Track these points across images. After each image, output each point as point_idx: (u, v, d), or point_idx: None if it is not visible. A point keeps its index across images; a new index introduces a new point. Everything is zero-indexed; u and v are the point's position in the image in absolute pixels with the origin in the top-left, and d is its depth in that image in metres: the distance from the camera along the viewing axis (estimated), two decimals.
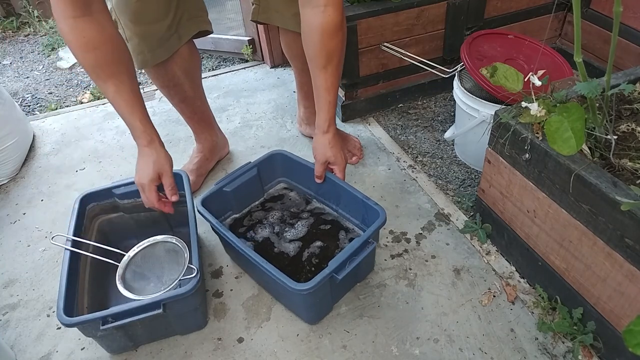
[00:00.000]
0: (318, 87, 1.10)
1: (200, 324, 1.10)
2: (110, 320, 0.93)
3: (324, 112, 1.12)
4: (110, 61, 0.97)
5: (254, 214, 1.30)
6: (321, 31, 1.02)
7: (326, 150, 1.14)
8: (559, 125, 0.82)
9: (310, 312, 1.08)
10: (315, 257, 1.16)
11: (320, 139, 1.14)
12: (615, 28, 0.77)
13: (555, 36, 1.86)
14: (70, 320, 0.91)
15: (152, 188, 1.07)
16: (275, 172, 1.33)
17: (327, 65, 1.06)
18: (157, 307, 0.94)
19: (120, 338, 1.02)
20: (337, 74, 1.09)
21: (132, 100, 1.02)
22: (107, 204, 1.21)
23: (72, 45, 0.94)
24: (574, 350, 1.00)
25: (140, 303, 0.94)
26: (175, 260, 1.10)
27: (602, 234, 0.87)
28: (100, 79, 0.98)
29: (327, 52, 1.04)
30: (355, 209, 1.18)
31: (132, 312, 0.94)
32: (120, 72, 0.99)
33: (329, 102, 1.11)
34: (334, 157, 1.15)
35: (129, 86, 1.01)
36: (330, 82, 1.08)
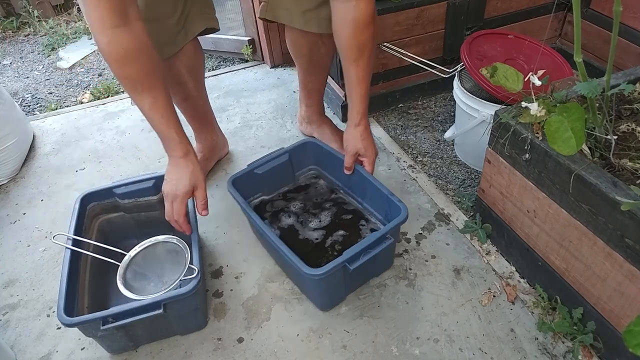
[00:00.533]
0: (350, 80, 1.11)
1: (200, 324, 1.10)
2: (111, 321, 0.93)
3: (356, 104, 1.14)
4: (148, 73, 0.95)
5: (278, 202, 1.32)
6: (353, 25, 1.03)
7: (357, 142, 1.15)
8: (559, 125, 0.82)
9: (322, 297, 1.10)
10: (339, 245, 1.20)
11: (351, 131, 1.16)
12: (615, 28, 0.77)
13: (555, 36, 1.86)
14: (71, 320, 0.91)
15: (184, 201, 1.05)
16: (306, 159, 1.36)
17: (359, 58, 1.07)
18: (158, 308, 0.94)
19: (120, 338, 1.02)
20: (369, 66, 1.10)
21: (168, 112, 1.01)
22: (108, 204, 1.21)
23: (111, 57, 0.91)
24: (574, 350, 1.00)
25: (140, 303, 0.95)
26: (176, 261, 1.10)
27: (602, 234, 0.87)
28: (137, 91, 0.96)
29: (358, 46, 1.06)
30: (379, 203, 1.20)
31: (132, 312, 0.94)
32: (157, 83, 0.98)
33: (360, 95, 1.12)
34: (365, 150, 1.16)
35: (165, 97, 1.00)
36: (362, 75, 1.09)
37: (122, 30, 0.89)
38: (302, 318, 1.11)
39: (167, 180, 1.06)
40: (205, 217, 1.36)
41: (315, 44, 1.32)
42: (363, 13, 1.02)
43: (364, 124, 1.15)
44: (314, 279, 0.96)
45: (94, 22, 0.88)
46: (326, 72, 1.48)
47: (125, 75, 0.94)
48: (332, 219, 1.27)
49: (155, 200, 1.23)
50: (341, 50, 1.10)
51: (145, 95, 0.96)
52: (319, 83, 1.49)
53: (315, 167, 1.38)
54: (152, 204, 1.23)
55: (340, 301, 1.13)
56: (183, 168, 1.05)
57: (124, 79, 0.95)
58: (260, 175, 1.26)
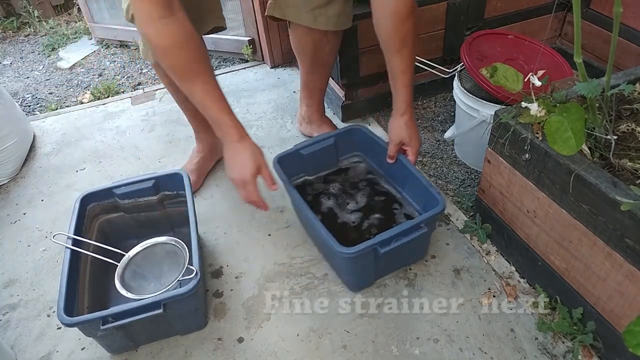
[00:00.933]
0: (393, 70, 1.13)
1: (200, 324, 1.10)
2: (111, 320, 0.93)
3: (401, 94, 1.15)
4: (197, 59, 0.97)
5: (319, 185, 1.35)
6: (394, 17, 1.06)
7: (402, 131, 1.17)
8: (559, 126, 0.82)
9: (352, 277, 1.14)
10: (375, 228, 1.23)
11: (396, 121, 1.18)
12: (615, 28, 0.77)
13: (555, 36, 1.86)
14: (71, 320, 0.91)
15: (254, 182, 1.06)
16: (351, 145, 1.37)
17: (401, 48, 1.09)
18: (158, 307, 0.94)
19: (120, 338, 1.02)
20: (412, 56, 1.12)
21: (220, 97, 1.02)
22: (108, 204, 1.21)
23: (161, 48, 0.93)
24: (574, 350, 1.00)
25: (140, 303, 0.95)
26: (175, 262, 1.10)
27: (602, 234, 0.87)
28: (189, 79, 0.98)
29: (400, 36, 1.08)
30: (418, 194, 1.22)
31: (132, 312, 0.94)
32: (205, 69, 0.99)
33: (405, 85, 1.13)
34: (409, 139, 1.17)
35: (215, 83, 1.01)
36: (405, 64, 1.11)
37: (169, 21, 0.91)
38: (302, 318, 1.11)
39: (230, 168, 1.06)
40: (205, 217, 1.37)
41: (320, 41, 1.33)
42: (403, 4, 1.04)
43: (409, 114, 1.16)
44: (345, 257, 1.00)
45: (141, 15, 0.91)
46: (329, 71, 1.48)
47: (176, 65, 0.96)
48: (367, 201, 1.30)
49: (155, 201, 1.23)
50: (383, 42, 1.12)
51: (197, 82, 0.98)
52: (320, 82, 1.49)
53: (359, 153, 1.40)
54: (152, 204, 1.23)
55: (369, 284, 1.16)
56: (242, 152, 1.04)
57: (174, 69, 0.97)
58: (304, 156, 1.29)
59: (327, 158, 1.35)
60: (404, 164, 1.21)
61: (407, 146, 1.19)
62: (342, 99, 1.68)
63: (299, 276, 1.21)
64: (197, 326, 1.10)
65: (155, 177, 1.21)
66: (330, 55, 1.41)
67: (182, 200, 1.21)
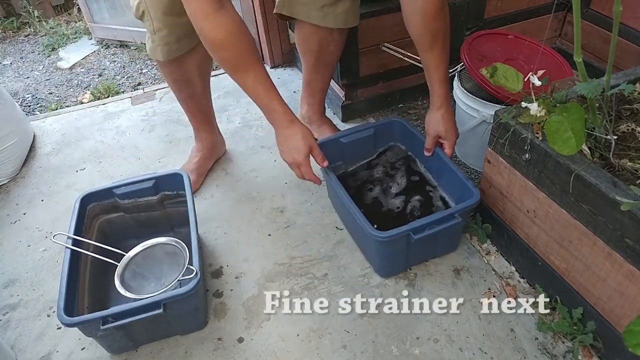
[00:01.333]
0: (427, 66, 1.15)
1: (200, 324, 1.10)
2: (111, 320, 0.93)
3: (436, 88, 1.16)
4: (248, 49, 1.00)
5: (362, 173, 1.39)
6: (423, 14, 1.07)
7: (438, 125, 1.18)
8: (559, 126, 0.82)
9: (383, 262, 1.16)
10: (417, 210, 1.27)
11: (433, 114, 1.19)
12: (615, 28, 0.77)
13: (555, 36, 1.86)
14: (71, 320, 0.91)
15: (308, 162, 1.11)
16: (390, 137, 1.40)
17: (433, 44, 1.11)
18: (158, 307, 0.94)
19: (120, 338, 1.02)
20: (445, 51, 1.13)
21: (270, 85, 1.06)
22: (108, 204, 1.21)
23: (216, 41, 0.97)
24: (574, 350, 1.00)
25: (140, 303, 0.95)
26: (175, 262, 1.10)
27: (602, 234, 0.87)
28: (241, 69, 1.02)
29: (431, 33, 1.09)
30: (454, 186, 1.24)
31: (132, 312, 0.94)
32: (256, 59, 1.03)
33: (439, 79, 1.15)
34: (445, 132, 1.19)
35: (265, 72, 1.04)
36: (438, 59, 1.12)
37: (221, 14, 0.95)
38: (302, 318, 1.11)
39: (283, 151, 1.12)
40: (205, 217, 1.37)
41: (326, 40, 1.33)
42: (432, 2, 1.05)
43: (445, 107, 1.17)
44: (378, 241, 1.03)
45: (195, 11, 0.94)
46: (332, 71, 1.48)
47: (229, 56, 1.00)
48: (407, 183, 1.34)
49: (155, 201, 1.23)
50: (414, 38, 1.14)
51: (249, 71, 1.02)
52: (323, 82, 1.49)
53: (398, 144, 1.42)
54: (152, 204, 1.23)
55: (399, 271, 1.19)
56: (293, 136, 1.09)
57: (227, 60, 1.01)
58: (344, 144, 1.32)
59: (366, 148, 1.38)
60: (441, 156, 1.23)
61: (444, 139, 1.21)
62: (342, 99, 1.68)
63: (299, 276, 1.21)
64: (197, 326, 1.10)
65: (155, 177, 1.22)
66: (334, 55, 1.41)
67: (182, 200, 1.21)
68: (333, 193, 1.33)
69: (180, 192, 1.22)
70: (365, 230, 1.04)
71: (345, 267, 1.22)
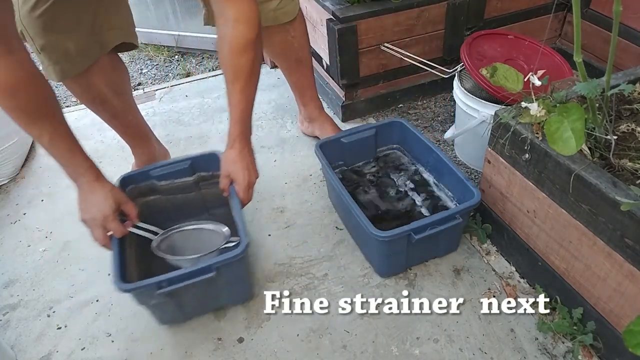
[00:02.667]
0: (228, 100, 1.05)
1: (246, 295, 1.14)
2: (165, 285, 0.95)
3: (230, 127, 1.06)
4: (44, 100, 0.92)
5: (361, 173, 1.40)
6: (230, 46, 0.97)
7: (228, 165, 1.10)
8: (558, 126, 0.82)
9: (383, 262, 1.16)
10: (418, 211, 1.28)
11: (225, 154, 1.10)
12: (615, 28, 0.77)
13: (555, 36, 1.86)
14: (128, 286, 0.95)
15: (116, 218, 1.02)
16: (391, 138, 1.41)
17: (234, 80, 1.00)
18: (210, 271, 0.97)
19: (171, 308, 1.05)
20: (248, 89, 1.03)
21: (72, 139, 0.98)
22: (145, 187, 1.23)
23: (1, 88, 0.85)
24: (574, 351, 1.00)
25: (193, 267, 0.97)
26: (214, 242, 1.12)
27: (602, 234, 0.87)
28: (33, 121, 0.92)
29: (234, 68, 0.99)
30: (454, 186, 1.24)
31: (186, 277, 0.96)
32: (54, 111, 0.94)
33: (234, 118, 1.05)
34: (234, 174, 1.09)
35: (65, 125, 0.96)
36: (238, 97, 1.02)
37: (10, 60, 0.84)
38: (302, 318, 1.11)
39: (85, 209, 1.01)
40: None
41: (285, 39, 1.32)
42: (238, 36, 0.95)
43: (238, 148, 1.07)
44: (379, 240, 1.04)
45: None
46: (309, 66, 1.47)
47: (19, 106, 0.89)
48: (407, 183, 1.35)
49: (191, 182, 1.27)
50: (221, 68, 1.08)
51: (45, 124, 0.93)
52: (305, 78, 1.48)
53: (398, 146, 1.44)
54: (188, 185, 1.26)
55: (399, 271, 1.19)
56: (100, 190, 1.01)
57: (18, 111, 0.90)
58: (345, 144, 1.34)
59: (366, 148, 1.39)
60: (440, 157, 1.23)
61: (234, 182, 1.10)
62: (342, 99, 1.68)
63: (299, 276, 1.21)
64: (244, 297, 1.14)
65: (191, 158, 1.24)
66: (302, 51, 1.39)
67: (217, 181, 1.22)
68: (334, 193, 1.33)
69: (216, 173, 1.22)
70: (367, 230, 1.05)
71: (345, 267, 1.22)
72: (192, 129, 1.75)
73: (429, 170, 1.35)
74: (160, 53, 2.30)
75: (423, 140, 1.30)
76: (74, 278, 1.25)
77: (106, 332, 1.12)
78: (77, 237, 1.35)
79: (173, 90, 1.99)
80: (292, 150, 1.61)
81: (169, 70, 2.21)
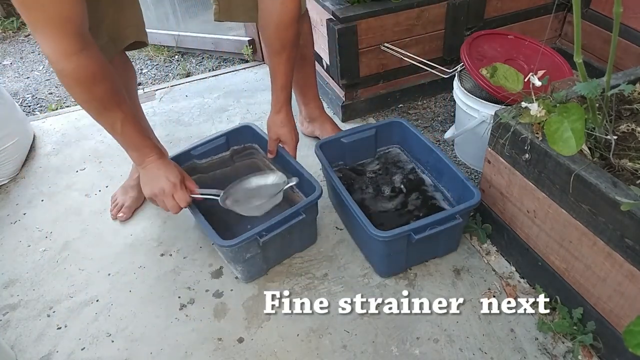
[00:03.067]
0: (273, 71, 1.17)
1: (313, 239, 1.25)
2: (265, 234, 1.04)
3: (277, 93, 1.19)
4: (115, 90, 0.98)
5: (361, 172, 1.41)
6: (277, 24, 1.08)
7: (278, 128, 1.23)
8: (559, 126, 0.82)
9: (383, 262, 1.17)
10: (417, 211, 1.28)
11: (273, 118, 1.23)
12: (616, 28, 0.77)
13: (555, 36, 1.86)
14: (231, 242, 1.01)
15: (183, 187, 1.10)
16: (391, 137, 1.42)
17: (281, 51, 1.12)
18: (299, 215, 1.08)
19: (259, 261, 1.13)
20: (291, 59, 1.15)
21: (139, 124, 1.06)
22: (187, 168, 1.27)
23: (80, 82, 0.92)
24: (574, 351, 1.00)
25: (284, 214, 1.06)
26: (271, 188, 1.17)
27: (602, 234, 0.87)
28: (108, 110, 0.99)
29: (281, 41, 1.10)
30: (454, 186, 1.25)
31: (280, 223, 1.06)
32: (123, 98, 1.01)
33: (281, 85, 1.17)
34: (284, 136, 1.23)
35: (132, 111, 1.04)
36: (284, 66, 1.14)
37: (85, 54, 0.89)
38: (302, 318, 1.11)
39: (154, 185, 1.08)
40: None
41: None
42: (285, 14, 1.06)
43: (284, 112, 1.21)
44: (379, 240, 1.04)
45: (56, 50, 0.87)
46: (311, 64, 1.47)
47: (95, 97, 0.95)
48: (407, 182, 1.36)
49: (227, 156, 1.36)
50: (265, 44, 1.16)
51: (116, 111, 0.99)
52: (308, 76, 1.49)
53: (398, 146, 1.44)
54: (225, 159, 1.35)
55: (399, 271, 1.19)
56: (166, 165, 1.09)
57: (93, 102, 0.96)
58: (345, 144, 1.35)
59: (366, 148, 1.40)
60: (440, 157, 1.25)
61: (284, 143, 1.25)
62: (342, 99, 1.68)
63: (299, 276, 1.21)
64: (311, 240, 1.25)
65: (225, 133, 1.32)
66: (307, 48, 1.40)
67: (248, 152, 1.29)
68: (333, 193, 1.33)
69: (247, 145, 1.32)
70: (367, 230, 1.04)
71: (345, 267, 1.22)
72: (192, 129, 1.75)
73: (429, 170, 1.35)
74: (160, 53, 2.30)
75: (423, 140, 1.30)
76: (74, 278, 1.25)
77: (106, 332, 1.12)
78: (77, 237, 1.35)
79: (173, 90, 1.99)
80: None
81: (169, 70, 2.21)
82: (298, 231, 1.15)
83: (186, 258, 1.28)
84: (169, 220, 1.38)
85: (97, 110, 0.99)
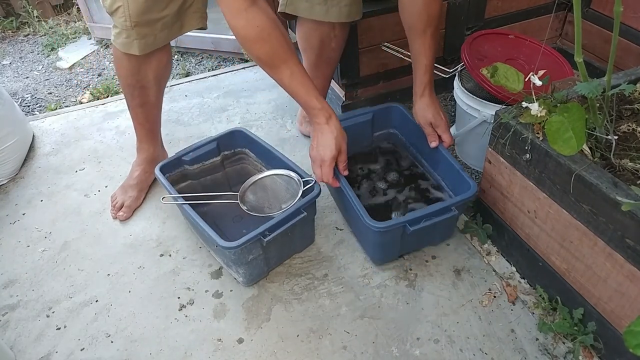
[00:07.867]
0: (416, 52, 1.18)
1: (312, 239, 1.25)
2: (268, 234, 1.04)
3: (420, 75, 1.19)
4: (283, 45, 1.00)
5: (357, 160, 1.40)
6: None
7: (426, 112, 1.21)
8: (559, 126, 0.82)
9: (377, 251, 1.18)
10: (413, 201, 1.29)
11: (418, 103, 1.22)
12: (616, 28, 0.77)
13: (555, 36, 1.86)
14: (235, 244, 1.00)
15: (332, 164, 1.10)
16: (388, 122, 1.41)
17: (426, 28, 1.13)
18: (301, 213, 1.08)
19: (261, 262, 1.12)
20: (435, 38, 1.16)
21: (307, 80, 1.06)
22: (178, 174, 1.28)
23: (249, 38, 0.98)
24: (575, 351, 1.00)
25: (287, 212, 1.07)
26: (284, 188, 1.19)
27: (602, 234, 0.87)
28: (275, 65, 1.02)
29: (428, 15, 1.11)
30: (450, 177, 1.25)
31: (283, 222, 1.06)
32: (291, 54, 1.03)
33: (425, 65, 1.17)
34: (434, 118, 1.20)
35: (300, 67, 1.05)
36: (428, 45, 1.15)
37: (254, 10, 0.96)
38: (302, 318, 1.11)
39: (313, 146, 1.11)
40: None
41: (327, 36, 1.33)
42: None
43: (428, 94, 1.20)
44: (375, 231, 1.05)
45: (228, 8, 0.95)
46: (333, 69, 1.48)
47: (264, 52, 1.00)
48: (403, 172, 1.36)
49: (218, 162, 1.32)
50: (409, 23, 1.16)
51: (283, 67, 1.02)
52: (324, 79, 1.48)
53: (395, 131, 1.43)
54: (216, 165, 1.32)
55: (393, 259, 1.21)
56: (327, 134, 1.09)
57: (262, 57, 1.01)
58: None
59: (363, 133, 1.39)
60: (437, 147, 1.23)
61: (435, 126, 1.21)
62: (342, 99, 1.68)
63: (299, 276, 1.20)
64: (311, 239, 1.25)
65: (216, 138, 1.29)
66: (336, 52, 1.40)
67: (238, 157, 1.27)
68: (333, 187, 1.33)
69: (237, 150, 1.30)
70: (363, 220, 1.05)
71: (345, 267, 1.22)
72: (192, 129, 1.75)
73: (426, 160, 1.34)
74: None
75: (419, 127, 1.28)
76: (73, 278, 1.25)
77: (105, 333, 1.12)
78: (76, 238, 1.35)
79: (172, 90, 1.98)
80: (292, 150, 1.61)
81: None
82: (299, 230, 1.15)
83: (185, 258, 1.27)
84: (169, 221, 1.38)
85: (265, 65, 1.04)
